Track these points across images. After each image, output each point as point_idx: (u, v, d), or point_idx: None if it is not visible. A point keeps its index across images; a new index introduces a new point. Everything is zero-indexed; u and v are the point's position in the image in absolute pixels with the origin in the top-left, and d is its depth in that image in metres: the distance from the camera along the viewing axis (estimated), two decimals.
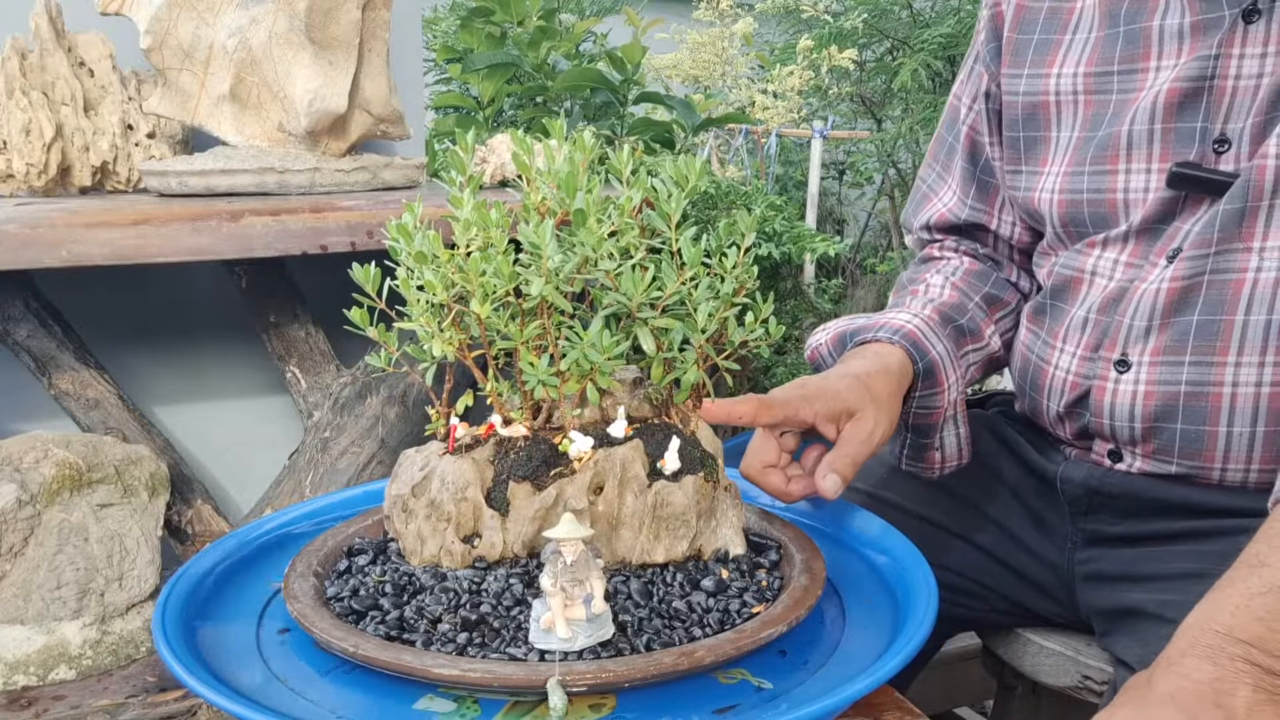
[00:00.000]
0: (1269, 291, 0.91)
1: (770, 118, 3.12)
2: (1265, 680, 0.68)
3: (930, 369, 1.07)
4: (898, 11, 3.00)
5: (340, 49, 1.34)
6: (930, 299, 1.14)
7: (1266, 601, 0.70)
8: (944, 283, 1.17)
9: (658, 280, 0.79)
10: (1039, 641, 1.13)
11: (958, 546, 1.16)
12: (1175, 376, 0.96)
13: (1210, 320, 0.94)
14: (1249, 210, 0.91)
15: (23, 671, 1.06)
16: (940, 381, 1.08)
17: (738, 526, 0.86)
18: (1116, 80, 1.02)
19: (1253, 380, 0.93)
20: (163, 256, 1.13)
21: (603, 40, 2.71)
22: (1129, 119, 0.99)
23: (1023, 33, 1.09)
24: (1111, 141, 1.00)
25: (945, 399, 1.09)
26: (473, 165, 0.84)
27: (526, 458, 0.82)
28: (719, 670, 0.75)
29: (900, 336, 1.06)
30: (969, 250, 1.22)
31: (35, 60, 1.34)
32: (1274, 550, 0.73)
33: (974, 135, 1.17)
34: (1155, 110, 0.97)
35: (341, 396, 1.38)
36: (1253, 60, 0.92)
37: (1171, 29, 0.97)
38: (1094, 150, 1.01)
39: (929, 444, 1.12)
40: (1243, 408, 0.94)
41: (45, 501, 1.10)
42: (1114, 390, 0.99)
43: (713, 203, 2.22)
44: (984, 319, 1.16)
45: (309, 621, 0.75)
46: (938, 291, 1.16)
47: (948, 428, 1.11)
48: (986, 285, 1.18)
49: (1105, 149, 1.01)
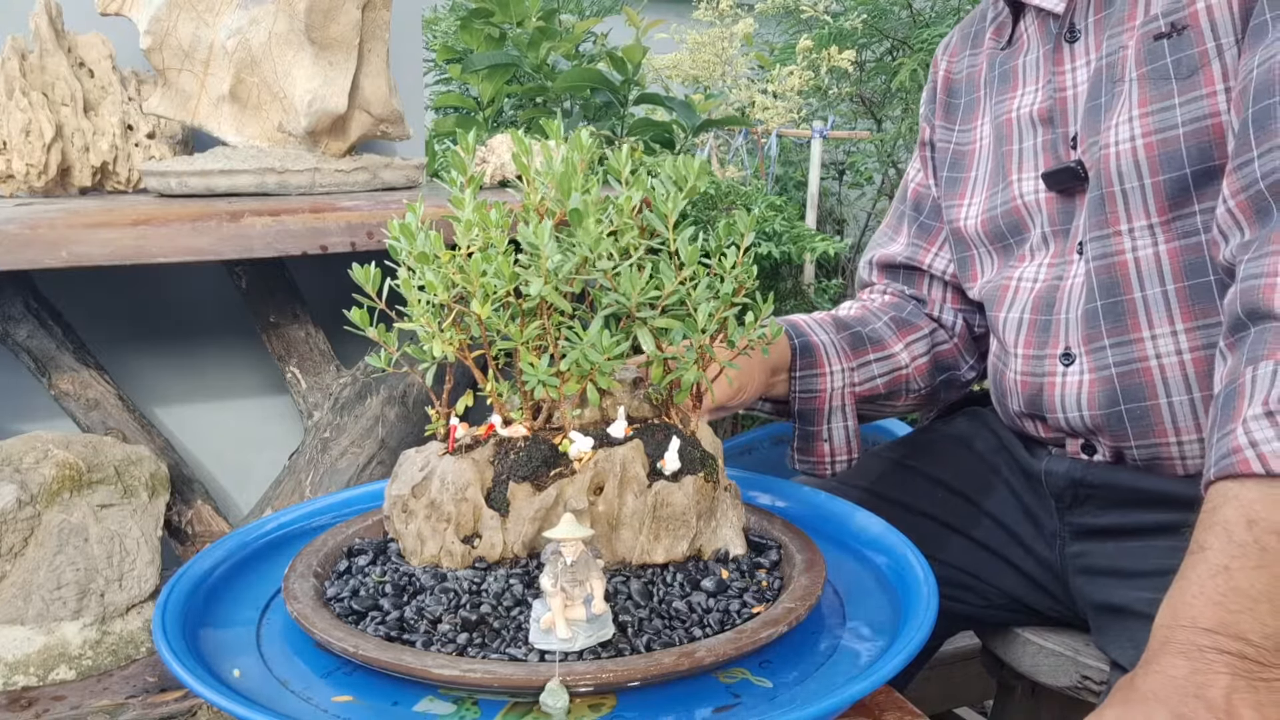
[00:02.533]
0: (1152, 266, 1.00)
1: (770, 118, 3.12)
2: (1240, 665, 0.70)
3: (807, 348, 1.19)
4: (897, 11, 2.99)
5: (340, 49, 1.34)
6: (832, 313, 1.27)
7: (1217, 584, 0.72)
8: (852, 305, 1.31)
9: (655, 279, 0.79)
10: (1038, 641, 1.14)
11: (956, 541, 1.18)
12: (1106, 360, 1.03)
13: (1114, 302, 1.02)
14: (1106, 196, 1.01)
15: (23, 672, 1.06)
16: (820, 364, 1.18)
17: (738, 526, 0.86)
18: (996, 109, 1.19)
19: (1172, 349, 1.00)
20: (163, 257, 1.13)
21: (603, 40, 2.71)
22: (1016, 136, 1.15)
23: (952, 96, 1.28)
24: (1005, 158, 1.16)
25: (827, 384, 1.18)
26: (473, 166, 0.84)
27: (526, 458, 0.82)
28: (719, 670, 0.75)
29: (784, 321, 1.20)
30: (896, 292, 1.32)
31: (35, 61, 1.34)
32: (1209, 533, 0.75)
33: (919, 189, 1.32)
34: (1025, 128, 1.14)
35: (341, 397, 1.38)
36: (1081, 70, 1.08)
37: (1031, 62, 1.15)
38: (997, 171, 1.17)
39: (816, 432, 1.20)
40: (1173, 377, 1.00)
41: (45, 502, 1.10)
42: (1062, 384, 1.06)
43: (713, 203, 2.22)
44: (891, 335, 1.25)
45: (309, 622, 0.75)
46: (844, 310, 1.29)
47: (835, 418, 1.20)
48: (901, 312, 1.28)
49: (1001, 166, 1.16)
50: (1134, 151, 0.99)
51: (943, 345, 1.28)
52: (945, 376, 1.28)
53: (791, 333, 1.19)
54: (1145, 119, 0.98)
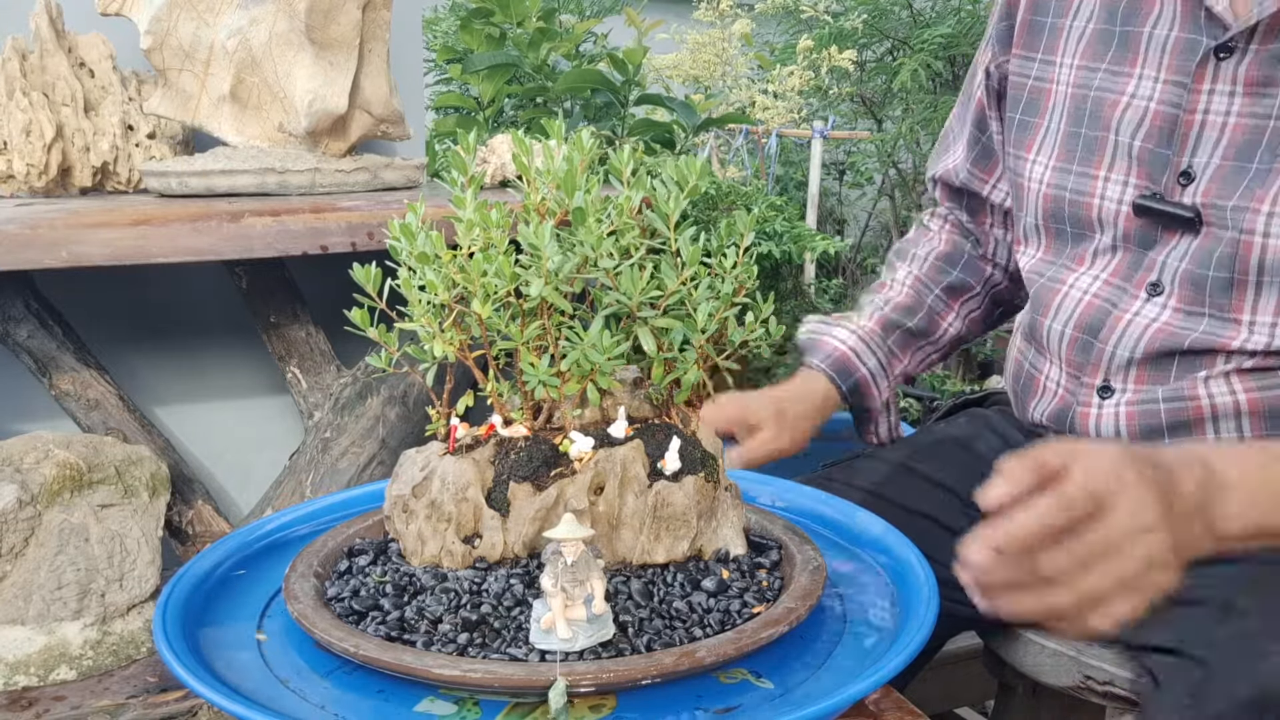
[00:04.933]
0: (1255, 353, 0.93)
1: (770, 118, 3.12)
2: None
3: (855, 387, 1.20)
4: (898, 12, 2.99)
5: (340, 49, 1.34)
6: (887, 300, 1.24)
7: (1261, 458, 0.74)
8: (907, 276, 1.26)
9: (656, 279, 0.79)
10: (1039, 641, 1.13)
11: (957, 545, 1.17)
12: (1154, 396, 0.98)
13: (1195, 361, 0.96)
14: (1236, 282, 0.91)
15: (23, 672, 1.06)
16: (869, 393, 1.21)
17: (738, 526, 0.86)
18: (1100, 78, 1.02)
19: (1226, 389, 0.94)
20: (163, 257, 1.13)
21: (603, 41, 2.71)
22: (1115, 127, 1.00)
23: (1037, 14, 1.08)
24: (1098, 145, 1.01)
25: (877, 402, 1.22)
26: (473, 166, 0.84)
27: (527, 458, 0.82)
28: (720, 670, 0.75)
29: (829, 364, 1.19)
30: (955, 223, 1.28)
31: (35, 61, 1.34)
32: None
33: (983, 104, 1.19)
34: (1140, 128, 0.98)
35: (342, 397, 1.38)
36: (1221, 97, 0.92)
37: (1159, 39, 0.97)
38: (1081, 149, 1.03)
39: (865, 431, 1.26)
40: (1225, 413, 0.95)
41: (46, 502, 1.10)
42: (1098, 415, 1.02)
43: (713, 203, 2.22)
44: (943, 309, 1.25)
45: (309, 622, 0.75)
46: (897, 290, 1.25)
47: (881, 420, 1.25)
48: (954, 272, 1.25)
49: (1092, 152, 1.02)
50: None
51: (999, 286, 1.26)
52: (1001, 310, 1.28)
53: (838, 378, 1.18)
54: None
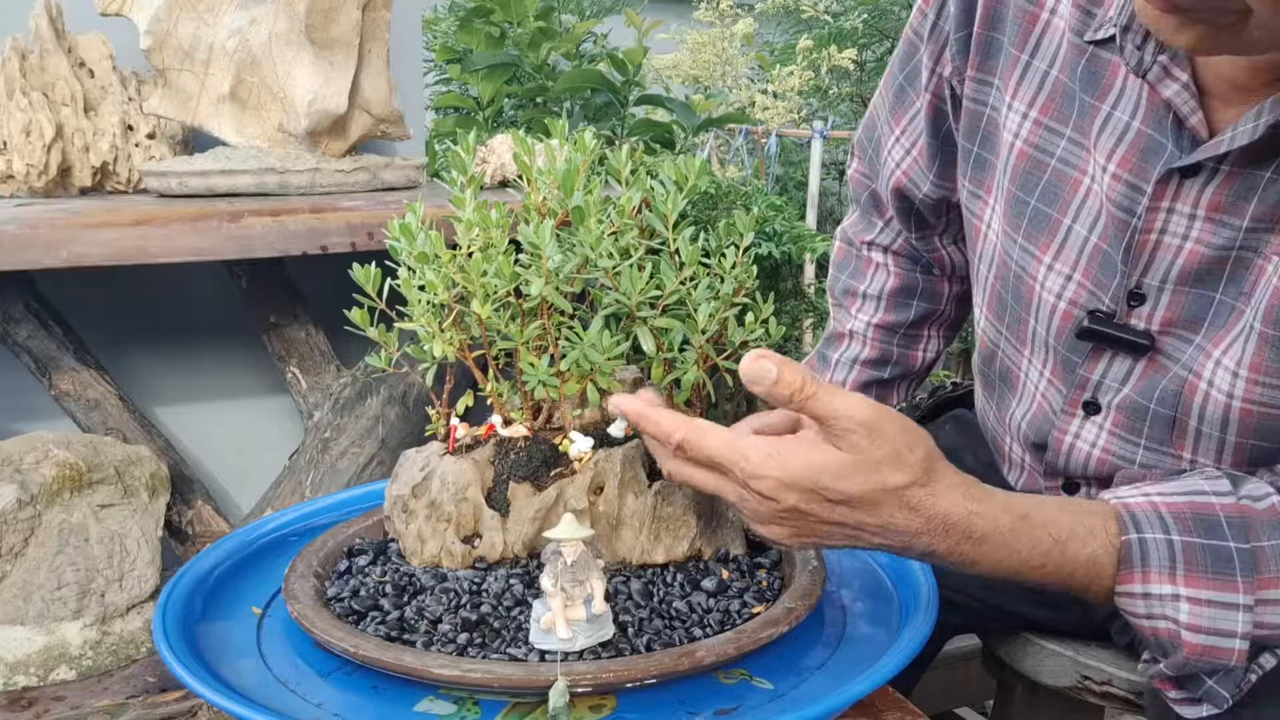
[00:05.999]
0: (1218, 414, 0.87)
1: (770, 118, 3.12)
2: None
3: None
4: (898, 11, 3.00)
5: (340, 49, 1.34)
6: (854, 358, 1.22)
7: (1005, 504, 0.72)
8: (866, 328, 1.22)
9: (656, 279, 0.79)
10: (1039, 642, 1.13)
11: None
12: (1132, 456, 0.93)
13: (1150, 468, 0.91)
14: (1178, 421, 0.86)
15: (23, 672, 1.06)
16: None
17: (738, 526, 0.86)
18: (1064, 148, 0.89)
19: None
20: (163, 257, 1.13)
21: (603, 41, 2.71)
22: (1074, 213, 0.89)
23: (993, 29, 0.93)
24: (1049, 225, 0.90)
25: None
26: (473, 166, 0.84)
27: (527, 458, 0.82)
28: (720, 670, 0.75)
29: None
30: (902, 247, 1.20)
31: (35, 61, 1.34)
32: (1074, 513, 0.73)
33: (937, 104, 1.02)
34: (1096, 226, 0.87)
35: (342, 397, 1.38)
36: (1180, 219, 0.82)
37: (1118, 123, 0.85)
38: (1028, 223, 0.92)
39: None
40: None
41: (46, 502, 1.10)
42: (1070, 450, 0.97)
43: (712, 203, 2.21)
44: (913, 345, 1.23)
45: (309, 622, 0.75)
46: (859, 343, 1.22)
47: None
48: (913, 303, 1.21)
49: (1040, 230, 0.91)
50: (1228, 408, 0.82)
51: (961, 289, 1.23)
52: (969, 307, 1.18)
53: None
54: (1254, 386, 0.80)
